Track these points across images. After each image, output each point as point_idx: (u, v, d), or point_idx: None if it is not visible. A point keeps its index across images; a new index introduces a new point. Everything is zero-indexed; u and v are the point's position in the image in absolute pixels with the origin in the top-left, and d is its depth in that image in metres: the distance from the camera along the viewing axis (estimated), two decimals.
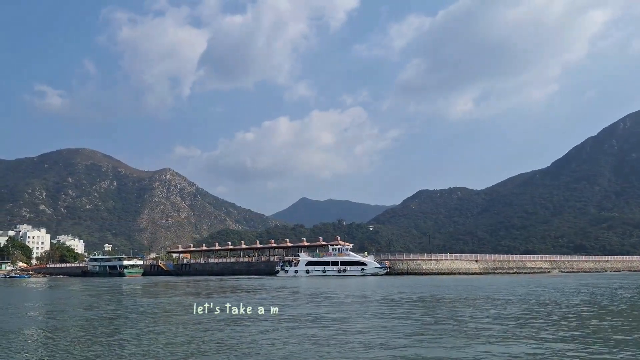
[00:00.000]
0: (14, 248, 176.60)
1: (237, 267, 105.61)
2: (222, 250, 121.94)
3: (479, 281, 61.04)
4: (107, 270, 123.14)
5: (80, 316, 23.89)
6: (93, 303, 32.83)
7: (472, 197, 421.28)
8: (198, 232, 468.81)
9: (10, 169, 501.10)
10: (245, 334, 15.91)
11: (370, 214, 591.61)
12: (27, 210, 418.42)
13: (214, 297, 34.72)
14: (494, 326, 17.10)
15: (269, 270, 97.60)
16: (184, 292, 43.56)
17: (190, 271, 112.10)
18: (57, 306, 30.93)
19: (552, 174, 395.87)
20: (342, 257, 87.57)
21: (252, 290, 43.76)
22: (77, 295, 43.96)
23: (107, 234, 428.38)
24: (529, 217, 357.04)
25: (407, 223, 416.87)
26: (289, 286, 50.60)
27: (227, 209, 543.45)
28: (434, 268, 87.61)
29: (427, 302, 29.14)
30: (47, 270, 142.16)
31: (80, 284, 73.14)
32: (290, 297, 34.36)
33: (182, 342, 14.53)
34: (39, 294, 51.10)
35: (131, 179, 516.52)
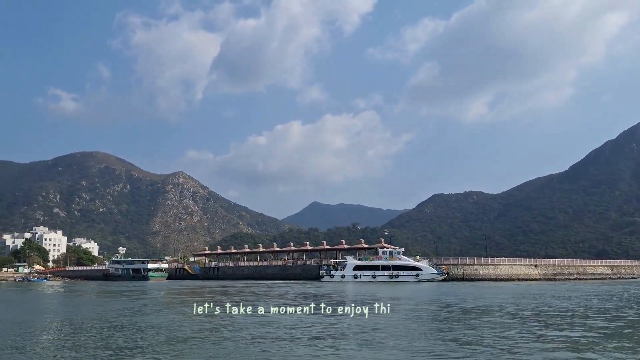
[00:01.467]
0: (30, 250, 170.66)
1: (270, 271, 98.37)
2: (252, 253, 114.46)
3: (555, 289, 53.51)
4: (131, 273, 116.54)
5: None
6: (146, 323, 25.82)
7: (488, 201, 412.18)
8: (211, 235, 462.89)
9: (24, 173, 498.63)
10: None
11: (382, 218, 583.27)
12: (41, 213, 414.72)
13: (281, 302, 27.62)
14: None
15: (306, 275, 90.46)
16: (227, 298, 36.38)
17: (219, 275, 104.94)
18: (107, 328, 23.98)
19: (570, 178, 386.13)
20: (393, 261, 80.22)
21: (320, 296, 36.53)
22: (115, 309, 36.92)
23: (121, 238, 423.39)
24: (547, 222, 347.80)
25: (422, 227, 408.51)
26: (351, 292, 43.48)
27: (240, 212, 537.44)
28: (491, 273, 79.98)
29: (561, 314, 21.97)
30: (65, 274, 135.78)
31: (106, 290, 66.26)
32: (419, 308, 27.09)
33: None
34: (65, 302, 44.18)
35: (144, 182, 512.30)
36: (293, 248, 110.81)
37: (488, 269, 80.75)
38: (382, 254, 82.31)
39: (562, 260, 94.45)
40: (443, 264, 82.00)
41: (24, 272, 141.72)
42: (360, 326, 20.51)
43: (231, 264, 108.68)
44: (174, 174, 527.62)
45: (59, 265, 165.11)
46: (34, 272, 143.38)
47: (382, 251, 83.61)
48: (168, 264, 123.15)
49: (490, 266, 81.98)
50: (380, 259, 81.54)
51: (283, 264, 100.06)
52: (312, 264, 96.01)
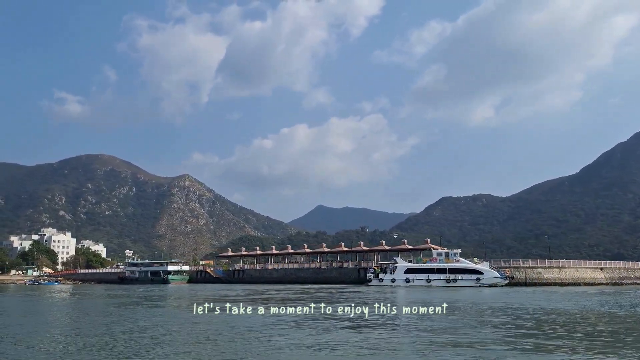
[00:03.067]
0: (38, 252, 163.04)
1: (302, 274, 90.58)
2: (279, 255, 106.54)
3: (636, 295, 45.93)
4: (149, 276, 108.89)
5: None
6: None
7: (497, 204, 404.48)
8: (217, 238, 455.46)
9: (30, 175, 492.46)
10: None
11: (388, 221, 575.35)
12: (46, 216, 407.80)
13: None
14: None
15: (343, 279, 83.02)
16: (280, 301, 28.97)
17: (245, 278, 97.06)
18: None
19: (581, 181, 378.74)
20: (450, 264, 72.58)
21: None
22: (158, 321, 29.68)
23: (127, 241, 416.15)
24: (559, 225, 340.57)
25: (430, 230, 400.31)
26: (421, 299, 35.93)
27: (246, 215, 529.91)
28: (556, 277, 72.41)
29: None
30: (77, 277, 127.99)
31: (125, 296, 58.72)
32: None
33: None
34: (83, 311, 36.79)
35: (150, 185, 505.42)
36: (326, 249, 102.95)
37: (552, 272, 73.14)
38: (436, 256, 74.57)
39: (628, 263, 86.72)
40: (502, 266, 74.31)
41: (34, 275, 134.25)
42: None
43: (258, 267, 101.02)
44: (179, 176, 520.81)
45: (69, 267, 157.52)
46: (44, 275, 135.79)
47: (436, 252, 75.88)
48: (189, 267, 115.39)
49: (555, 269, 74.38)
50: (435, 261, 73.92)
51: (316, 266, 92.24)
52: (349, 266, 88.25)
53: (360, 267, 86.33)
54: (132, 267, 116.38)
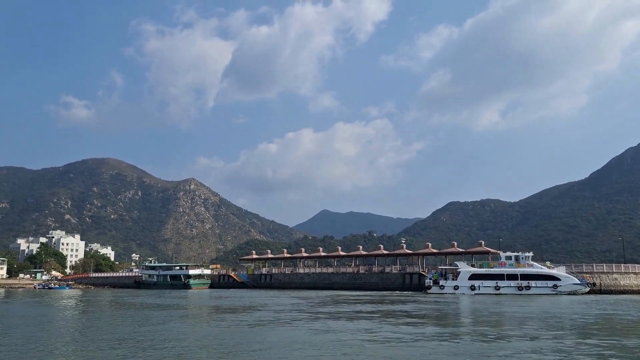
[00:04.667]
0: (47, 255, 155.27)
1: (337, 279, 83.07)
2: (310, 258, 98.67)
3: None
4: (169, 280, 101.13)
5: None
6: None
7: (505, 209, 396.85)
8: (222, 243, 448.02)
9: (36, 179, 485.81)
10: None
11: (394, 226, 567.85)
12: (52, 219, 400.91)
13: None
14: None
15: (385, 285, 75.61)
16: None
17: (273, 283, 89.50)
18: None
19: (591, 186, 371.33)
20: (522, 269, 65.13)
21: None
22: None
23: (132, 245, 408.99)
24: (570, 231, 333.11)
25: (438, 236, 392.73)
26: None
27: (251, 219, 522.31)
28: (633, 284, 64.96)
29: None
30: (89, 281, 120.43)
31: (149, 305, 51.40)
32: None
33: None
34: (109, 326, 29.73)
35: (156, 189, 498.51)
36: (363, 253, 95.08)
37: (629, 279, 65.69)
38: (505, 260, 66.95)
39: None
40: (574, 272, 66.64)
41: (43, 279, 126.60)
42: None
43: (287, 271, 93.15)
44: (185, 180, 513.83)
45: (78, 271, 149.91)
46: (54, 278, 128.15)
47: (505, 256, 68.30)
48: (210, 270, 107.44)
49: (632, 275, 66.90)
50: (503, 266, 66.28)
51: (354, 271, 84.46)
52: (392, 271, 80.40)
53: (405, 272, 78.55)
54: (149, 270, 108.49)
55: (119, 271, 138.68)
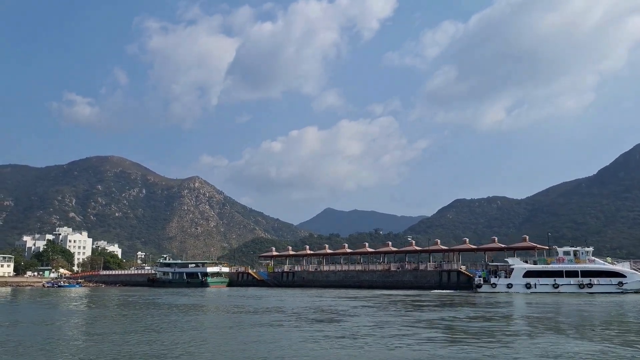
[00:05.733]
0: (54, 253, 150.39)
1: (367, 277, 78.03)
2: (335, 255, 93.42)
3: None
4: (185, 278, 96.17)
5: None
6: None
7: (512, 206, 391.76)
8: (227, 241, 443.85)
9: (40, 177, 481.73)
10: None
11: (398, 224, 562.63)
12: (56, 217, 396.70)
13: None
14: None
15: (420, 283, 70.61)
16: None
17: (296, 282, 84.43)
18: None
19: (599, 183, 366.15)
20: (583, 265, 60.05)
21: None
22: None
23: (137, 243, 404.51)
24: (578, 228, 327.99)
25: (444, 233, 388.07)
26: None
27: (256, 218, 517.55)
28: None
29: None
30: (100, 279, 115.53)
31: (175, 306, 46.83)
32: None
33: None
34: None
35: (160, 186, 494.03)
36: (393, 249, 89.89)
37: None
38: (563, 255, 61.80)
39: None
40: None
41: (51, 277, 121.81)
42: None
43: (310, 268, 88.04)
44: (189, 178, 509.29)
45: (86, 269, 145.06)
46: (62, 276, 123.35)
47: (563, 251, 63.14)
48: (230, 269, 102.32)
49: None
50: (561, 262, 61.20)
51: (384, 268, 79.35)
52: (427, 268, 75.33)
53: (442, 269, 73.48)
54: (164, 268, 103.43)
55: (128, 269, 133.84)
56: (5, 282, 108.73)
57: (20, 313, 38.14)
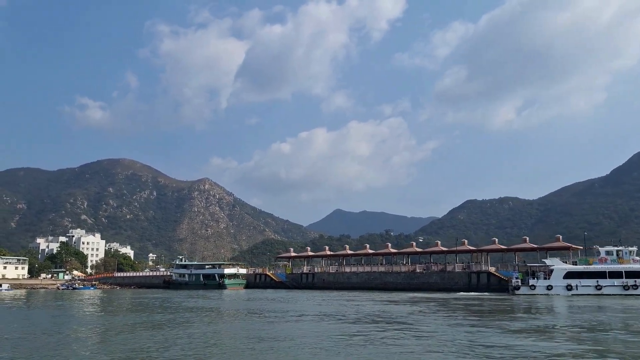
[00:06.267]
0: (67, 255, 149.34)
1: (390, 279, 75.50)
2: (356, 256, 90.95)
3: None
4: (201, 280, 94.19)
5: None
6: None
7: (524, 207, 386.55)
8: (237, 242, 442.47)
9: (52, 180, 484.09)
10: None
11: (407, 225, 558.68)
12: (69, 220, 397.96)
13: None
14: None
15: (448, 285, 68.03)
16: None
17: (316, 283, 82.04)
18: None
19: (612, 183, 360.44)
20: (627, 266, 57.33)
21: None
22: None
23: (148, 245, 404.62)
24: (592, 228, 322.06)
25: (456, 234, 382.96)
26: None
27: (266, 219, 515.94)
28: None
29: None
30: (114, 281, 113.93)
31: (199, 308, 44.66)
32: None
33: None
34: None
35: (170, 188, 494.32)
36: (418, 250, 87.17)
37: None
38: (605, 255, 59.04)
39: None
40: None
41: (65, 279, 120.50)
42: None
43: (331, 270, 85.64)
44: (199, 180, 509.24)
45: (100, 271, 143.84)
46: (77, 278, 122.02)
47: (605, 250, 60.38)
48: (247, 270, 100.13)
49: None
50: (604, 262, 58.45)
51: (409, 270, 76.79)
52: (455, 269, 72.73)
53: (471, 270, 70.83)
54: (180, 269, 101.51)
55: (141, 271, 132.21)
56: (20, 285, 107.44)
57: (35, 319, 36.18)
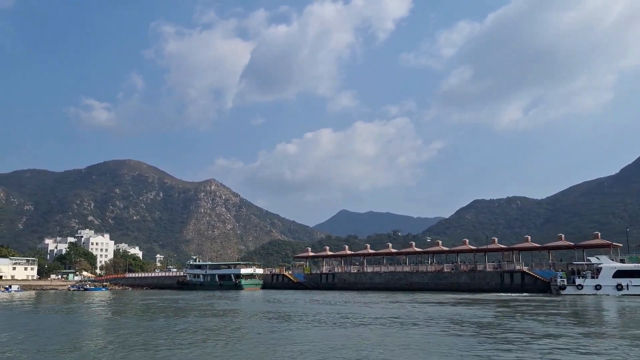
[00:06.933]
0: (76, 255, 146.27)
1: (416, 279, 71.79)
2: (377, 255, 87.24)
3: None
4: (217, 280, 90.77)
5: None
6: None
7: (533, 206, 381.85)
8: (244, 243, 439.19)
9: (59, 181, 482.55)
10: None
11: (414, 226, 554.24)
12: (75, 221, 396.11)
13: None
14: None
15: (478, 285, 64.40)
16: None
17: (336, 284, 78.40)
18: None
19: (621, 182, 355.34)
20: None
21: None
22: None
23: (154, 246, 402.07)
24: (602, 228, 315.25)
25: (463, 234, 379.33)
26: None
27: (272, 220, 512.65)
28: None
29: None
30: (125, 281, 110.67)
31: (219, 310, 41.14)
32: None
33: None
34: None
35: (177, 189, 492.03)
36: (444, 249, 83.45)
37: None
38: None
39: None
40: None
41: (76, 280, 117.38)
42: None
43: (352, 269, 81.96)
44: (206, 181, 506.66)
45: (110, 271, 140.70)
46: (86, 279, 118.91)
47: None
48: (264, 270, 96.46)
49: None
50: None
51: (436, 269, 73.12)
52: (485, 269, 69.05)
53: (503, 270, 67.16)
54: (194, 269, 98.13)
55: (152, 271, 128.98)
56: (29, 286, 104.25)
57: (48, 326, 32.78)
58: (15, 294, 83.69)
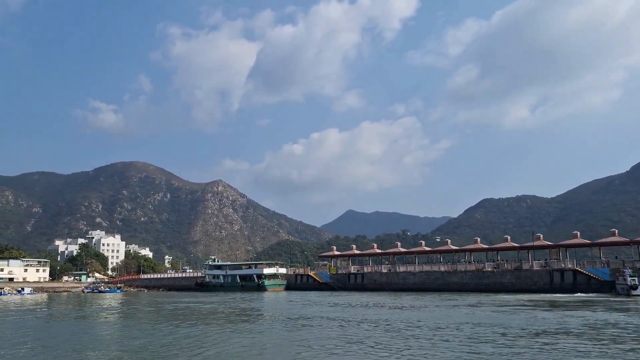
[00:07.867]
0: (87, 257, 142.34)
1: (455, 279, 67.16)
2: (409, 254, 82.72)
3: None
4: (238, 281, 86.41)
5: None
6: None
7: (542, 205, 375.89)
8: (251, 244, 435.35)
9: (67, 183, 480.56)
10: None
11: (421, 225, 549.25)
12: (84, 223, 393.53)
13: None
14: None
15: (525, 285, 59.84)
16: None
17: (365, 285, 73.83)
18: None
19: (633, 179, 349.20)
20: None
21: None
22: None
23: (162, 247, 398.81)
24: (614, 226, 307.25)
25: (473, 234, 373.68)
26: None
27: (279, 220, 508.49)
28: None
29: None
30: (140, 283, 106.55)
31: (252, 315, 36.70)
32: None
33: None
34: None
35: (184, 191, 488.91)
36: (483, 246, 78.86)
37: None
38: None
39: None
40: None
41: (88, 282, 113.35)
42: None
43: (383, 269, 77.34)
44: (213, 182, 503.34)
45: (121, 273, 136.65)
46: (100, 281, 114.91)
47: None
48: (287, 270, 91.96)
49: None
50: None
51: (477, 268, 68.53)
52: (532, 268, 64.40)
53: (552, 268, 62.50)
54: (214, 270, 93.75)
55: (164, 272, 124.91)
56: (42, 288, 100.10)
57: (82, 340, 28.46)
58: (27, 297, 79.72)
